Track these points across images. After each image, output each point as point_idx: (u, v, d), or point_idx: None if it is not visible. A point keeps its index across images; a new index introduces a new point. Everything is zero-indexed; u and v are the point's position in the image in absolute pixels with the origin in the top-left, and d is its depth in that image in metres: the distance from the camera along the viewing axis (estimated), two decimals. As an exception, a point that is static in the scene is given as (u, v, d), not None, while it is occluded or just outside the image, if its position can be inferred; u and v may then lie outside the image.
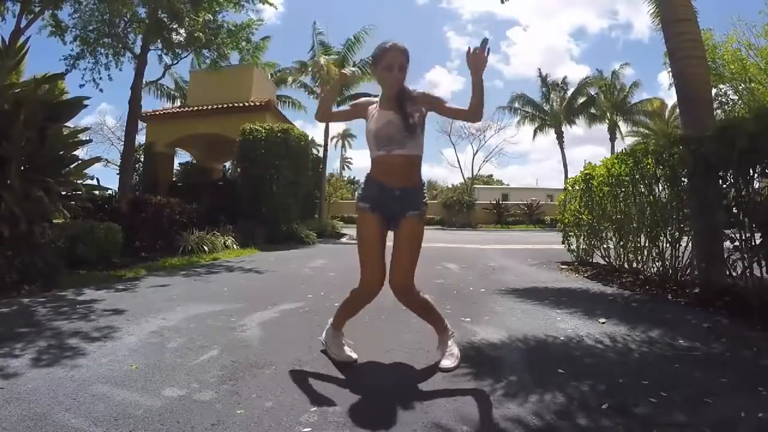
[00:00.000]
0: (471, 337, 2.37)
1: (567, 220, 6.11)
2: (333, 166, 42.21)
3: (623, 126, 26.02)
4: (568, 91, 26.13)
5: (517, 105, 26.63)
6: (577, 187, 5.78)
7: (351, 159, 53.38)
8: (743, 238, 2.82)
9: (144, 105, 7.98)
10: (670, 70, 4.25)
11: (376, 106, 1.99)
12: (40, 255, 3.81)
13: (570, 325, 2.63)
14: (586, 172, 5.41)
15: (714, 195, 3.07)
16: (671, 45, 4.06)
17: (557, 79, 26.65)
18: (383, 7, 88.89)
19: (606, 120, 25.84)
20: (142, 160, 11.90)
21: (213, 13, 7.47)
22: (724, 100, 13.02)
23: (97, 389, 1.63)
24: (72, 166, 4.34)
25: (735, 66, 11.98)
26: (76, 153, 4.46)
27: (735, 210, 2.92)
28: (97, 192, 5.48)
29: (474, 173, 28.73)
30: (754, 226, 2.76)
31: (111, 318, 2.72)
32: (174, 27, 7.46)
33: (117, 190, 7.25)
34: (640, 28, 62.71)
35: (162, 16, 7.29)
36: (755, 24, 12.10)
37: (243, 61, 8.25)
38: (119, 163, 8.52)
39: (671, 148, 3.62)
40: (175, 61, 8.20)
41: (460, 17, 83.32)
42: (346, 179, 38.17)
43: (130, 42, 7.70)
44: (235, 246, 7.69)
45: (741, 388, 1.67)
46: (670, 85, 23.59)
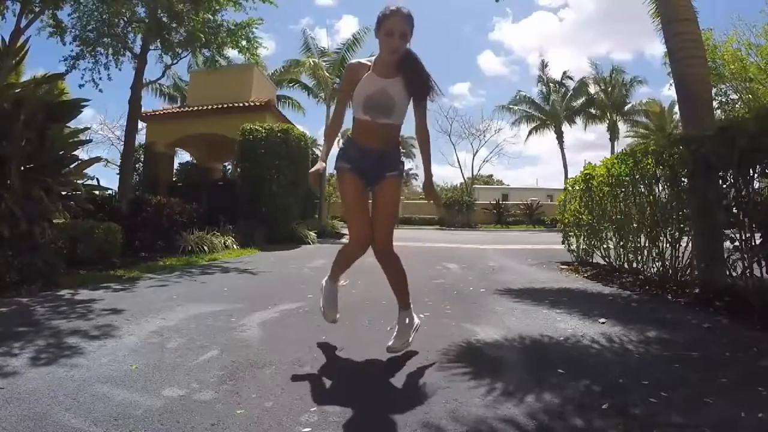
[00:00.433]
0: (470, 337, 2.37)
1: (567, 220, 6.11)
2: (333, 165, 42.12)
3: (622, 127, 26.07)
4: (569, 89, 26.19)
5: (520, 107, 26.71)
6: (577, 188, 5.78)
7: (351, 159, 53.18)
8: (743, 238, 2.81)
9: (144, 105, 7.97)
10: (670, 70, 4.25)
11: (369, 68, 1.94)
12: (40, 255, 3.81)
13: (570, 325, 2.63)
14: (586, 172, 5.41)
15: (714, 195, 3.07)
16: (671, 45, 4.06)
17: (557, 78, 26.74)
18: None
19: (606, 120, 25.86)
20: (142, 160, 11.89)
21: (213, 13, 7.45)
22: (724, 100, 13.01)
23: (97, 389, 1.63)
24: (72, 166, 4.34)
25: (735, 66, 11.97)
26: (75, 153, 4.46)
27: (735, 210, 2.91)
28: (97, 192, 5.49)
29: (474, 173, 28.69)
30: (754, 226, 2.76)
31: (111, 318, 2.72)
32: (174, 26, 7.45)
33: (117, 190, 7.24)
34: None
35: (162, 16, 7.28)
36: (755, 24, 12.09)
37: (245, 59, 8.21)
38: (119, 163, 8.51)
39: (671, 148, 3.62)
40: (175, 61, 8.18)
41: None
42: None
43: (129, 42, 7.69)
44: (235, 246, 7.69)
45: (741, 388, 1.67)
46: (669, 85, 23.67)
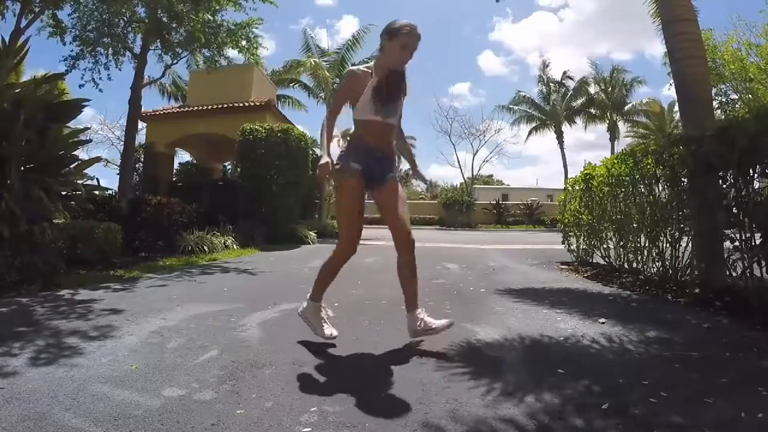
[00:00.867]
0: (470, 337, 2.37)
1: (567, 220, 6.11)
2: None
3: (622, 127, 26.09)
4: (569, 89, 26.19)
5: (520, 107, 26.72)
6: (577, 188, 5.78)
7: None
8: (743, 238, 2.81)
9: (146, 103, 7.99)
10: (670, 70, 4.26)
11: (370, 75, 2.11)
12: (40, 255, 3.81)
13: (570, 325, 2.63)
14: (586, 172, 5.40)
15: (714, 195, 3.07)
16: (671, 45, 4.06)
17: (557, 78, 26.73)
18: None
19: (606, 120, 25.87)
20: (142, 160, 11.89)
21: (213, 13, 7.45)
22: (724, 100, 13.02)
23: (97, 389, 1.63)
24: (72, 166, 4.34)
25: (735, 66, 11.97)
26: (75, 153, 4.46)
27: (735, 210, 2.91)
28: (97, 192, 5.49)
29: (474, 173, 28.65)
30: (754, 226, 2.76)
31: (111, 318, 2.72)
32: (174, 26, 7.44)
33: (117, 190, 7.24)
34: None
35: (162, 16, 7.28)
36: (755, 24, 12.11)
37: (245, 59, 8.21)
38: (119, 163, 8.51)
39: (671, 148, 3.62)
40: (175, 61, 8.18)
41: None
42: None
43: (129, 42, 7.69)
44: (235, 246, 7.68)
45: (741, 388, 1.67)
46: (669, 85, 23.68)
